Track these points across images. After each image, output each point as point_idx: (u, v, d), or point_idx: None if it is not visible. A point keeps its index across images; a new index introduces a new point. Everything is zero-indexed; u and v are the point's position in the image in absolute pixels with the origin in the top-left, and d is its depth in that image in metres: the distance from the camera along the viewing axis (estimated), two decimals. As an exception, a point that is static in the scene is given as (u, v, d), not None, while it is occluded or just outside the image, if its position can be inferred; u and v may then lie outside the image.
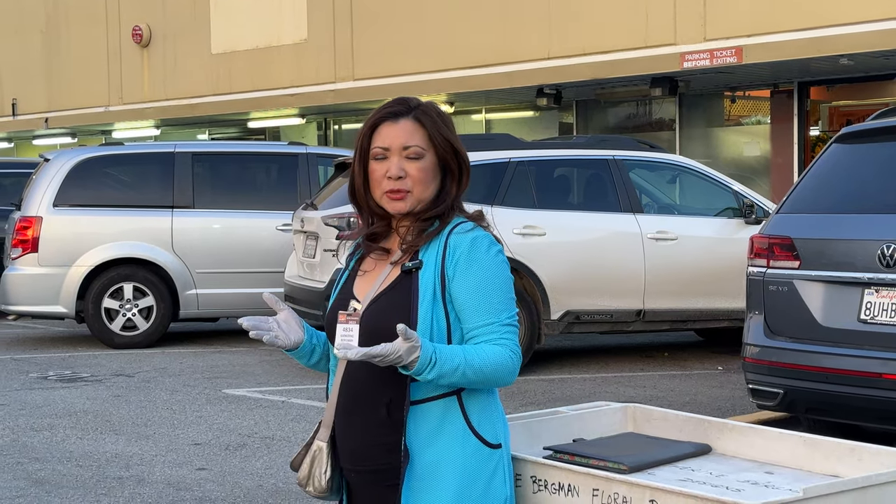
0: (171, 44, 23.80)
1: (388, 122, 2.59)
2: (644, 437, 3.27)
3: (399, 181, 2.56)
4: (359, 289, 2.65)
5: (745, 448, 3.09)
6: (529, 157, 9.73)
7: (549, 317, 9.37)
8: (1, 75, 28.43)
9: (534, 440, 3.16)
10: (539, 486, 2.78)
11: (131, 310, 11.17)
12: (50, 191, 11.13)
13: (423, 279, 2.56)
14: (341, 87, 19.87)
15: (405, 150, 2.57)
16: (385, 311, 2.55)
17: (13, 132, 26.24)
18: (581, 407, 3.40)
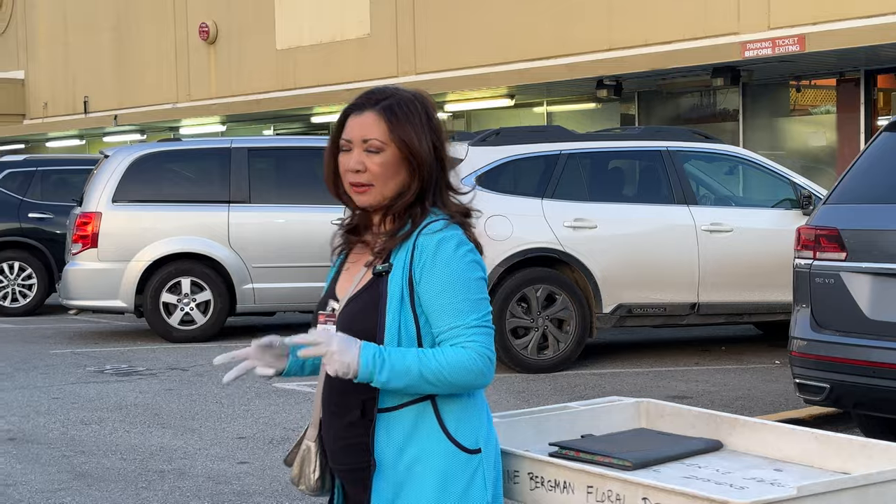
0: (236, 40, 24.03)
1: (354, 113, 2.54)
2: (654, 433, 3.21)
3: (357, 174, 2.51)
4: (340, 287, 2.62)
5: (756, 445, 3.02)
6: (581, 150, 9.64)
7: (601, 310, 9.28)
8: (74, 73, 28.92)
9: (541, 436, 3.12)
10: (536, 483, 2.74)
11: (189, 304, 11.28)
12: (109, 187, 11.27)
13: (391, 283, 2.50)
14: (401, 82, 19.86)
15: (364, 142, 2.51)
16: (356, 315, 2.52)
17: (85, 129, 26.67)
18: (592, 402, 3.35)
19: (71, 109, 28.75)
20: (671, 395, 8.26)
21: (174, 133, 24.39)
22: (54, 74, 29.75)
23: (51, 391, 8.65)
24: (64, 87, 29.30)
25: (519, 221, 9.15)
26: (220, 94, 24.02)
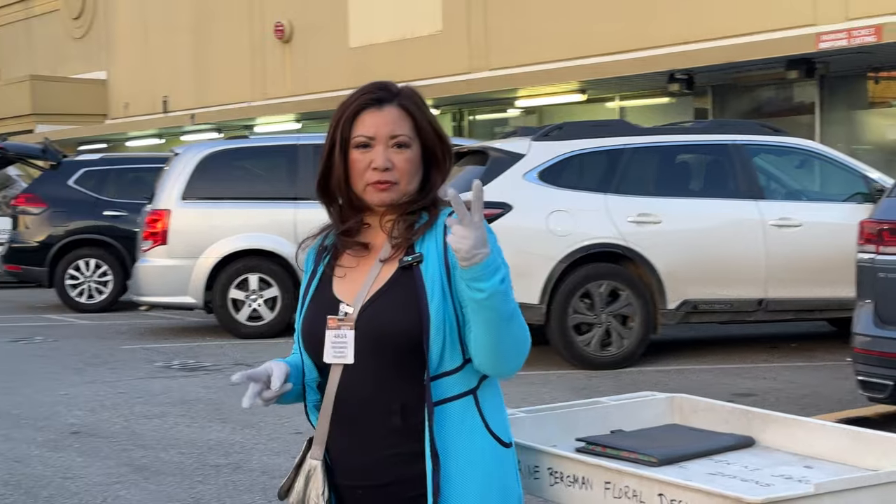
0: (311, 39, 24.20)
1: (372, 108, 2.38)
2: (686, 428, 3.15)
3: (386, 172, 2.35)
4: (342, 291, 2.41)
5: (788, 441, 2.95)
6: (646, 144, 9.54)
7: (665, 306, 9.17)
8: (154, 74, 29.36)
9: (569, 431, 3.08)
10: (556, 479, 2.70)
11: (256, 300, 11.38)
12: (178, 184, 11.42)
13: (427, 273, 2.35)
14: (473, 78, 19.86)
15: (392, 139, 2.37)
16: (387, 311, 2.34)
17: (164, 128, 27.07)
18: (623, 397, 3.30)
19: (150, 109, 29.20)
20: (736, 392, 8.13)
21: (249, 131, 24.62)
22: (135, 75, 30.23)
23: (118, 386, 8.78)
24: (144, 88, 29.76)
25: (582, 217, 9.07)
26: (295, 93, 24.22)
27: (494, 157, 9.31)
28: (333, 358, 2.35)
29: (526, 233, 8.98)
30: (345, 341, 2.35)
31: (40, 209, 14.56)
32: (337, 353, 2.35)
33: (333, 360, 2.35)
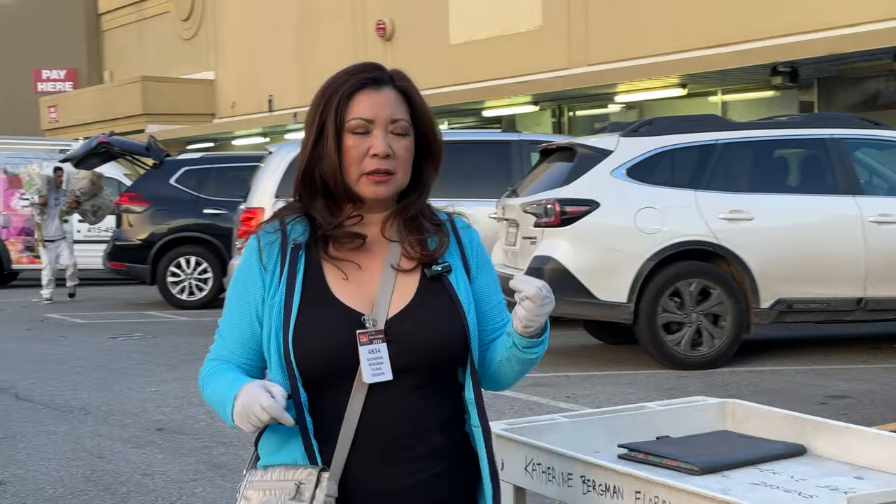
0: (411, 37, 24.27)
1: (370, 89, 2.16)
2: (736, 435, 3.05)
3: (386, 160, 2.13)
4: (351, 299, 2.16)
5: (841, 450, 2.82)
6: (738, 139, 9.31)
7: (759, 305, 8.95)
8: (259, 73, 29.77)
9: (613, 437, 2.99)
10: (588, 487, 2.62)
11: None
12: (272, 183, 11.51)
13: (459, 286, 2.22)
14: (571, 73, 19.69)
15: (392, 123, 2.16)
16: (429, 325, 2.16)
17: (268, 127, 27.40)
18: (671, 402, 3.20)
19: (256, 108, 29.61)
20: (830, 394, 7.90)
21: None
22: (241, 75, 30.69)
23: (207, 382, 8.88)
24: (250, 87, 30.19)
25: (671, 214, 8.90)
26: (396, 90, 24.28)
27: (582, 153, 9.19)
28: (372, 377, 2.10)
29: (613, 230, 8.85)
30: (380, 357, 2.11)
31: (143, 207, 14.85)
32: (375, 370, 2.11)
33: (372, 378, 2.10)
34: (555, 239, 8.91)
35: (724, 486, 2.59)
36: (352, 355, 2.11)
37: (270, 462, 2.14)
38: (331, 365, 2.11)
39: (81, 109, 33.44)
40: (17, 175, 19.48)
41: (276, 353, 2.13)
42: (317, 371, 2.11)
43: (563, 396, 7.93)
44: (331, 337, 2.11)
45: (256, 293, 2.16)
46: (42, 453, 6.57)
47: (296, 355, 2.10)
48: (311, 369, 2.11)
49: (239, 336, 2.19)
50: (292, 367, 2.10)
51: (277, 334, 2.12)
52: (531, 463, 2.78)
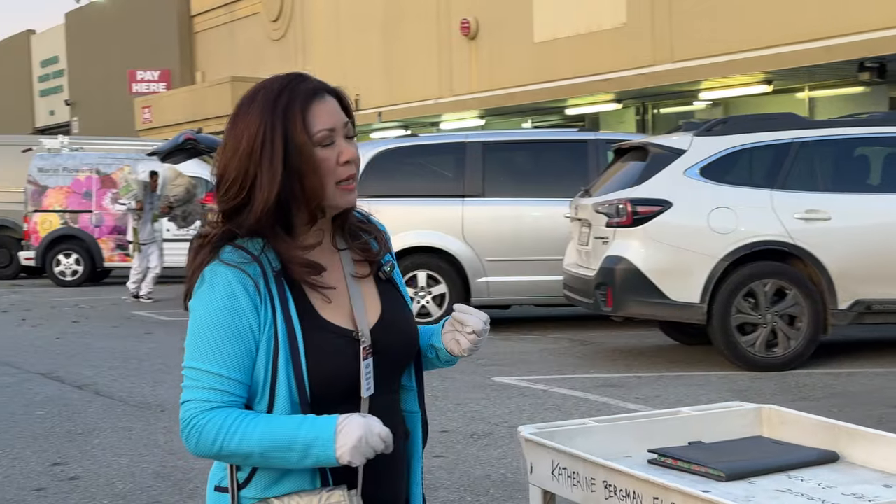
0: (496, 35, 24.27)
1: (318, 101, 2.09)
2: (769, 441, 3.01)
3: (354, 166, 2.11)
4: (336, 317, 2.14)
5: (874, 458, 2.78)
6: (815, 137, 9.17)
7: (836, 306, 8.81)
8: (346, 73, 30.02)
9: (643, 441, 2.98)
10: (610, 492, 2.62)
11: (425, 297, 11.49)
12: (349, 183, 11.61)
13: (400, 282, 2.30)
14: (654, 71, 19.52)
15: (345, 127, 2.12)
16: (398, 330, 2.21)
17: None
18: (707, 407, 3.17)
19: (343, 107, 29.84)
20: (908, 398, 7.75)
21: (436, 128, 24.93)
22: (329, 74, 30.96)
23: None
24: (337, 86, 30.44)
25: (745, 213, 8.80)
26: (481, 89, 24.33)
27: (654, 153, 9.13)
28: (367, 391, 2.11)
29: (686, 230, 8.78)
30: (370, 372, 2.12)
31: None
32: (367, 385, 2.12)
33: (367, 393, 2.11)
34: (626, 239, 8.87)
35: (749, 492, 2.57)
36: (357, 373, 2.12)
37: (273, 494, 2.08)
38: (343, 384, 2.10)
39: (174, 110, 34.07)
40: (110, 175, 19.94)
41: (285, 382, 2.05)
42: (329, 393, 2.08)
43: (632, 398, 7.90)
44: (340, 357, 2.10)
45: (253, 321, 2.05)
46: (116, 449, 6.74)
47: (311, 380, 2.06)
48: (323, 393, 2.07)
49: (237, 371, 2.05)
50: (305, 392, 2.05)
51: (287, 363, 2.05)
52: (557, 467, 2.79)
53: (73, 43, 46.11)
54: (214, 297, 2.04)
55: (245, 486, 2.10)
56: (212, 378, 2.03)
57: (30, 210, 19.98)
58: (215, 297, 2.04)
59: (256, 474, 2.09)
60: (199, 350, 2.05)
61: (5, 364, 10.20)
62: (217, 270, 2.05)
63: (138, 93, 38.14)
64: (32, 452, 6.67)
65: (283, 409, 2.05)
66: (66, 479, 6.03)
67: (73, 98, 45.95)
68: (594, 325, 11.90)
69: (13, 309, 15.68)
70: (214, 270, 2.05)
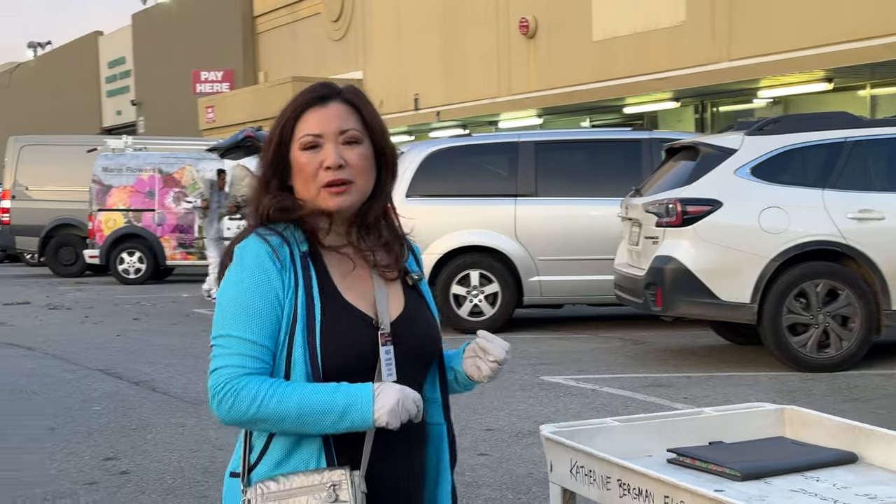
0: (554, 34, 24.25)
1: (316, 106, 2.23)
2: (790, 442, 3.04)
3: (340, 171, 2.19)
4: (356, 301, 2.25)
5: (893, 459, 2.80)
6: (869, 136, 9.08)
7: (890, 307, 8.74)
8: (406, 72, 30.16)
9: (665, 441, 3.02)
10: (624, 490, 2.67)
11: (478, 296, 11.55)
12: (403, 182, 11.70)
13: (426, 292, 2.40)
14: (713, 69, 19.40)
15: (342, 134, 2.21)
16: (423, 328, 2.32)
17: (413, 126, 27.76)
18: (728, 408, 3.20)
19: (403, 107, 30.00)
20: (960, 399, 7.67)
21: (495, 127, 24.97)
22: (388, 74, 31.13)
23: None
24: (397, 86, 30.60)
25: (797, 213, 8.75)
26: (539, 88, 24.32)
27: (705, 152, 9.11)
28: (387, 376, 2.21)
29: (736, 230, 8.76)
30: (390, 358, 2.22)
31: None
32: (388, 370, 2.21)
33: (388, 378, 2.21)
34: (676, 239, 8.86)
35: (764, 492, 2.60)
36: (373, 355, 2.20)
37: (279, 472, 2.17)
38: (354, 362, 2.18)
39: (236, 109, 34.44)
40: (172, 175, 20.24)
41: (301, 351, 2.15)
42: (340, 368, 2.17)
43: (680, 398, 7.90)
44: (355, 336, 2.19)
45: (279, 291, 2.17)
46: (167, 444, 6.87)
47: (323, 352, 2.16)
48: (336, 366, 2.16)
49: (267, 338, 2.16)
50: (318, 365, 2.15)
51: (304, 334, 2.16)
52: (575, 466, 2.84)
53: (139, 44, 46.79)
54: (244, 268, 2.17)
55: (255, 466, 2.18)
56: (244, 344, 2.14)
57: (94, 209, 20.34)
58: (245, 267, 2.17)
59: (265, 455, 2.18)
60: (231, 319, 2.16)
61: (66, 360, 10.43)
62: (246, 245, 2.20)
63: (202, 93, 38.61)
64: (87, 447, 6.83)
65: (299, 379, 2.15)
66: (118, 474, 6.17)
67: (139, 98, 46.63)
68: (646, 324, 11.88)
69: (77, 306, 15.99)
70: (243, 245, 2.20)
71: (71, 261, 22.61)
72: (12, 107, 62.62)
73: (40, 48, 62.62)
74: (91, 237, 20.54)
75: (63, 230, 22.50)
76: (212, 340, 2.20)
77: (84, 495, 5.76)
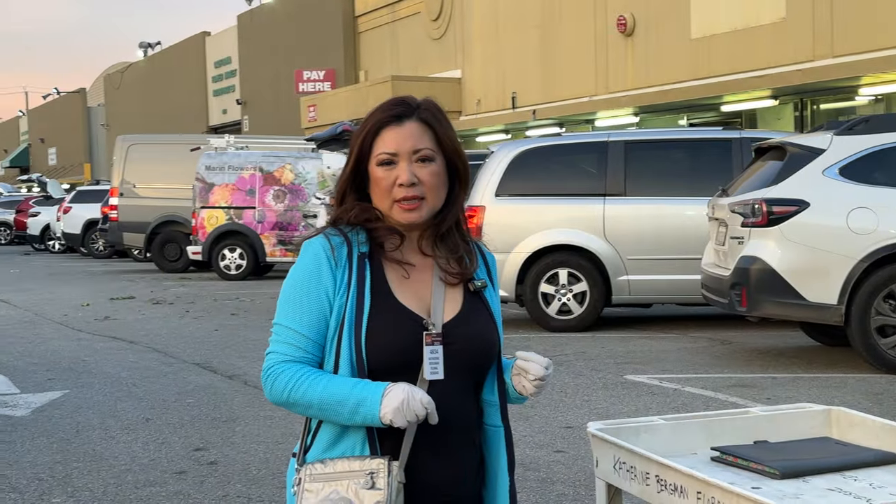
0: (652, 31, 24.14)
1: (393, 125, 2.39)
2: (834, 442, 3.09)
3: (412, 188, 2.36)
4: (413, 306, 2.41)
5: (934, 461, 2.84)
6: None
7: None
8: (504, 71, 30.27)
9: (711, 440, 3.10)
10: (661, 486, 2.76)
11: (566, 295, 11.63)
12: (493, 181, 11.84)
13: (492, 300, 2.51)
14: (813, 66, 19.13)
15: (415, 153, 2.37)
16: (478, 332, 2.44)
17: (510, 124, 27.87)
18: (776, 408, 3.26)
19: (500, 105, 30.12)
20: None
21: (591, 126, 24.94)
22: (486, 72, 31.27)
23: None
24: (495, 84, 30.74)
25: (886, 214, 8.65)
26: (636, 86, 24.23)
27: (792, 152, 9.06)
28: (430, 374, 2.35)
29: (823, 231, 8.70)
30: (437, 358, 2.35)
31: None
32: (433, 369, 2.35)
33: (430, 376, 2.35)
34: (762, 239, 8.84)
35: (800, 490, 2.67)
36: (417, 353, 2.35)
37: (327, 456, 2.34)
38: (398, 358, 2.34)
39: (337, 108, 34.89)
40: (272, 173, 20.63)
41: (347, 346, 2.33)
42: (384, 364, 2.33)
43: (762, 398, 7.89)
44: (400, 334, 2.35)
45: (329, 289, 2.36)
46: (255, 436, 7.10)
47: (367, 347, 2.32)
48: (380, 361, 2.33)
49: (312, 331, 2.36)
50: (362, 358, 2.32)
51: (350, 328, 2.33)
52: (618, 462, 2.94)
53: (244, 43, 47.66)
54: (302, 264, 2.40)
55: (310, 448, 2.40)
56: (290, 334, 2.37)
57: (197, 206, 20.84)
58: (302, 263, 2.40)
59: (316, 440, 2.39)
60: (283, 309, 2.39)
61: (165, 354, 10.78)
62: (309, 243, 2.41)
63: (304, 92, 39.19)
64: (178, 437, 7.10)
65: (346, 372, 2.34)
66: (206, 464, 6.41)
67: (244, 97, 47.49)
68: (736, 324, 11.82)
69: (178, 301, 16.44)
70: (307, 244, 2.41)
71: (175, 257, 23.20)
72: (124, 106, 64.30)
73: (150, 49, 64.13)
74: (194, 234, 21.05)
75: (168, 227, 23.11)
76: (272, 326, 2.43)
77: (172, 483, 6.00)
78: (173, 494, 5.80)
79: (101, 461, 6.53)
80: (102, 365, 10.16)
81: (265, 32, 45.15)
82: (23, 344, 11.73)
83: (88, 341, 11.89)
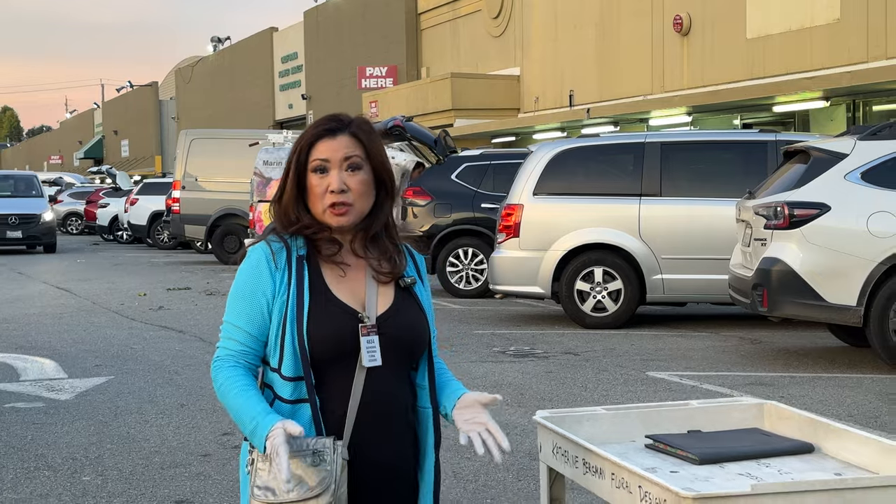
0: (708, 31, 24.19)
1: (326, 138, 2.67)
2: (760, 433, 3.34)
3: (342, 194, 2.63)
4: (345, 298, 2.68)
5: (844, 451, 3.09)
6: None
7: None
8: (562, 69, 30.45)
9: (649, 429, 3.38)
10: (586, 468, 3.04)
11: (601, 292, 11.87)
12: (531, 180, 12.12)
13: (422, 295, 2.78)
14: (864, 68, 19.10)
15: (345, 160, 2.64)
16: (408, 323, 2.71)
17: (566, 122, 28.02)
18: (713, 401, 3.52)
19: (558, 103, 30.30)
20: None
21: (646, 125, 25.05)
22: (545, 70, 31.47)
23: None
24: (553, 82, 30.93)
25: (906, 218, 8.79)
26: (691, 85, 24.31)
27: (816, 156, 9.23)
28: (369, 361, 2.63)
29: (844, 234, 8.86)
30: (374, 347, 2.63)
31: (426, 201, 15.83)
32: (371, 357, 2.63)
33: (369, 363, 2.63)
34: (783, 241, 9.02)
35: (712, 474, 2.93)
36: (354, 343, 2.63)
37: None
38: (337, 348, 2.61)
39: (398, 104, 35.29)
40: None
41: (290, 340, 2.60)
42: (324, 354, 2.60)
43: (777, 396, 8.08)
44: (338, 326, 2.62)
45: (268, 290, 2.64)
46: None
47: (310, 339, 2.59)
48: (321, 352, 2.60)
49: (251, 327, 2.64)
50: (305, 349, 2.58)
51: (292, 323, 2.60)
52: (555, 447, 3.23)
53: (310, 39, 48.26)
54: (245, 265, 2.69)
55: None
56: (234, 330, 2.66)
57: (255, 200, 21.29)
58: (245, 265, 2.69)
59: None
60: (229, 308, 2.68)
61: (210, 343, 11.19)
62: (253, 248, 2.70)
63: (367, 88, 39.66)
64: (208, 423, 7.48)
65: (291, 364, 2.60)
66: (231, 448, 6.77)
67: (309, 92, 48.11)
68: (768, 325, 11.98)
69: (231, 293, 16.88)
70: (252, 248, 2.70)
71: (235, 249, 23.72)
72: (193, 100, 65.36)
73: (220, 43, 65.09)
74: (252, 227, 21.51)
75: (228, 220, 23.64)
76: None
77: (196, 465, 6.38)
78: (196, 475, 6.17)
79: (132, 443, 6.93)
80: (149, 353, 10.60)
81: (330, 28, 45.71)
82: (77, 331, 12.24)
83: (140, 330, 12.36)
